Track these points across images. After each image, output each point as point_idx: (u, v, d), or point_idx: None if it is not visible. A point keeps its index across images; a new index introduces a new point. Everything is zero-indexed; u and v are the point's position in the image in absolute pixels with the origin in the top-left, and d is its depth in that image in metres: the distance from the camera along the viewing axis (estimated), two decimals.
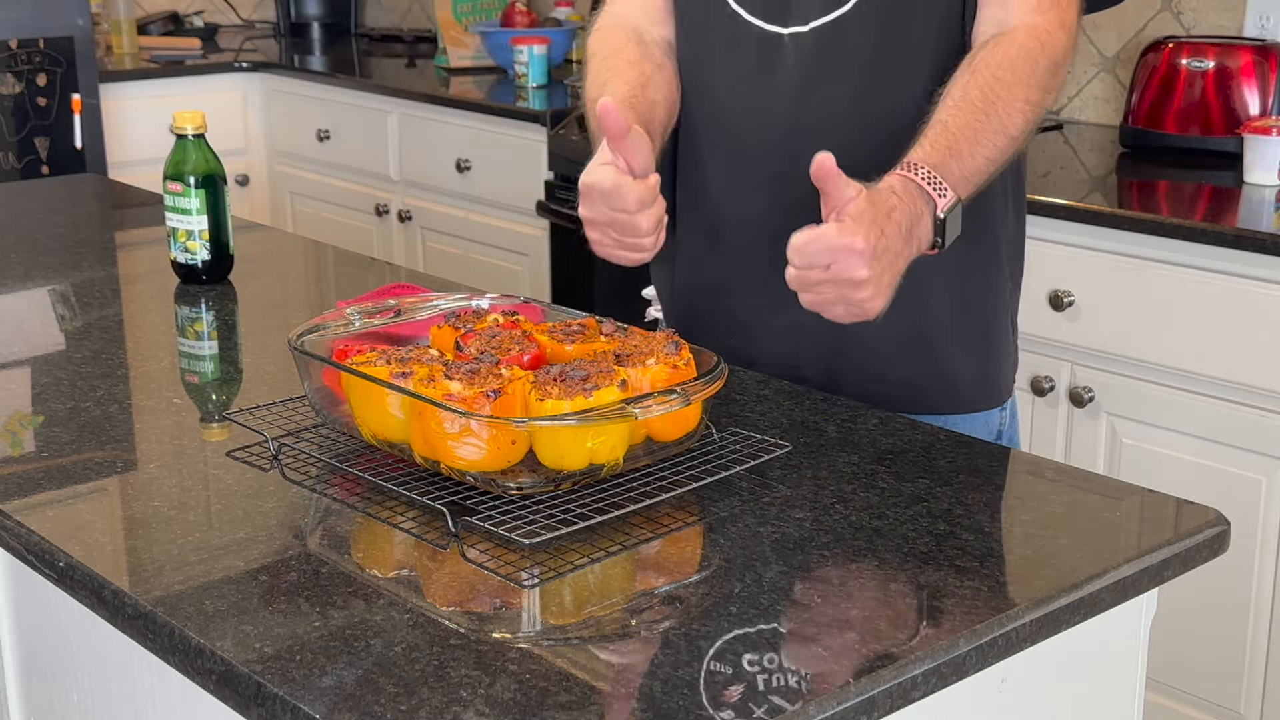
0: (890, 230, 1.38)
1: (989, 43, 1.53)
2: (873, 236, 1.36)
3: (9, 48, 3.87)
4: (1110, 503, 1.36)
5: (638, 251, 1.49)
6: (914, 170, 1.44)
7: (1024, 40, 1.51)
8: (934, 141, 1.47)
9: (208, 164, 2.00)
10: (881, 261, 1.37)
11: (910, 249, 1.42)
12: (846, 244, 1.34)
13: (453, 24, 4.22)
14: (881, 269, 1.37)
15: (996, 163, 1.50)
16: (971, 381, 1.67)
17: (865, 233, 1.35)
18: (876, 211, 1.37)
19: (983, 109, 1.48)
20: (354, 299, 1.72)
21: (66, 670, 1.35)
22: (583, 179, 1.47)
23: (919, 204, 1.43)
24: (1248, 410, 2.34)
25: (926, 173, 1.44)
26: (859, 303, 1.38)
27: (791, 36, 1.60)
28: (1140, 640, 1.30)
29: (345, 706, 0.99)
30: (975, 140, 1.47)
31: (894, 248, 1.39)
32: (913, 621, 1.11)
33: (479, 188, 3.73)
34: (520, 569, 1.18)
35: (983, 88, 1.49)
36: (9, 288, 2.06)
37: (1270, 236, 2.27)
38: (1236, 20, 2.94)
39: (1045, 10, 1.53)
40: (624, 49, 1.67)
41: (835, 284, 1.37)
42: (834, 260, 1.35)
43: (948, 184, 1.45)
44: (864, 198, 1.37)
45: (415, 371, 1.32)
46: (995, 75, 1.49)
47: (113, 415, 1.55)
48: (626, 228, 1.46)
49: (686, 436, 1.36)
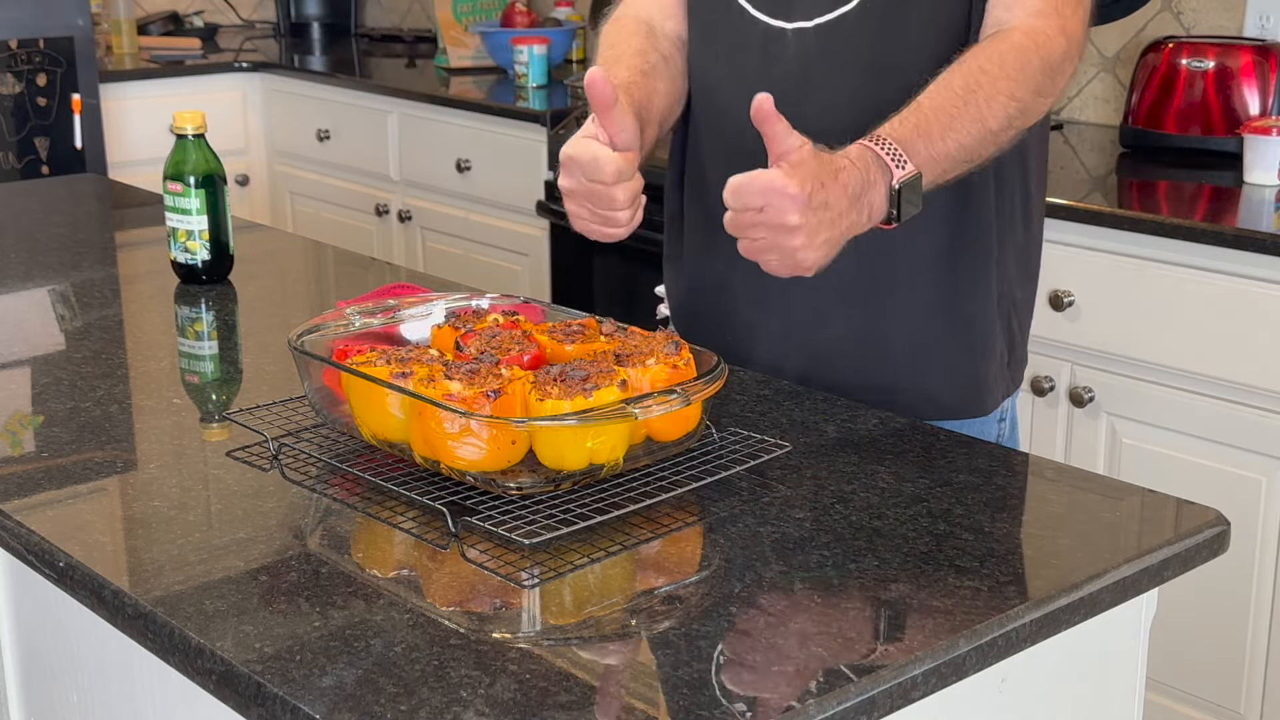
0: (833, 188, 1.38)
1: (984, 40, 1.54)
2: (809, 186, 1.35)
3: (9, 48, 3.87)
4: (1110, 503, 1.36)
5: (614, 226, 1.50)
6: (876, 141, 1.44)
7: (1018, 39, 1.52)
8: (904, 119, 1.47)
9: (208, 164, 2.00)
10: (818, 215, 1.37)
11: (859, 216, 1.41)
12: (780, 186, 1.35)
13: (453, 24, 4.22)
14: (818, 222, 1.37)
15: (972, 152, 1.50)
16: (954, 390, 1.67)
17: (802, 181, 1.35)
18: (820, 165, 1.38)
19: (962, 96, 1.48)
20: (354, 299, 1.72)
21: (66, 670, 1.35)
22: (563, 149, 1.49)
23: (873, 171, 1.42)
24: (1248, 410, 2.34)
25: (888, 145, 1.44)
26: (791, 251, 1.38)
27: (795, 32, 1.61)
28: (1140, 640, 1.30)
29: (345, 706, 0.99)
30: (948, 125, 1.47)
31: (836, 205, 1.38)
32: (913, 621, 1.11)
33: (479, 188, 3.73)
34: (520, 569, 1.18)
35: (965, 77, 1.49)
36: (9, 288, 2.06)
37: (1270, 236, 2.27)
38: (1236, 20, 2.94)
39: (1046, 15, 1.53)
40: (632, 38, 1.70)
41: (768, 228, 1.37)
42: (766, 203, 1.36)
43: (910, 160, 1.44)
44: (808, 149, 1.37)
45: (415, 371, 1.32)
46: (981, 67, 1.49)
47: (113, 415, 1.55)
48: (603, 200, 1.47)
49: (686, 436, 1.36)
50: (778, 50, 1.62)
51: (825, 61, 1.60)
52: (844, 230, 1.41)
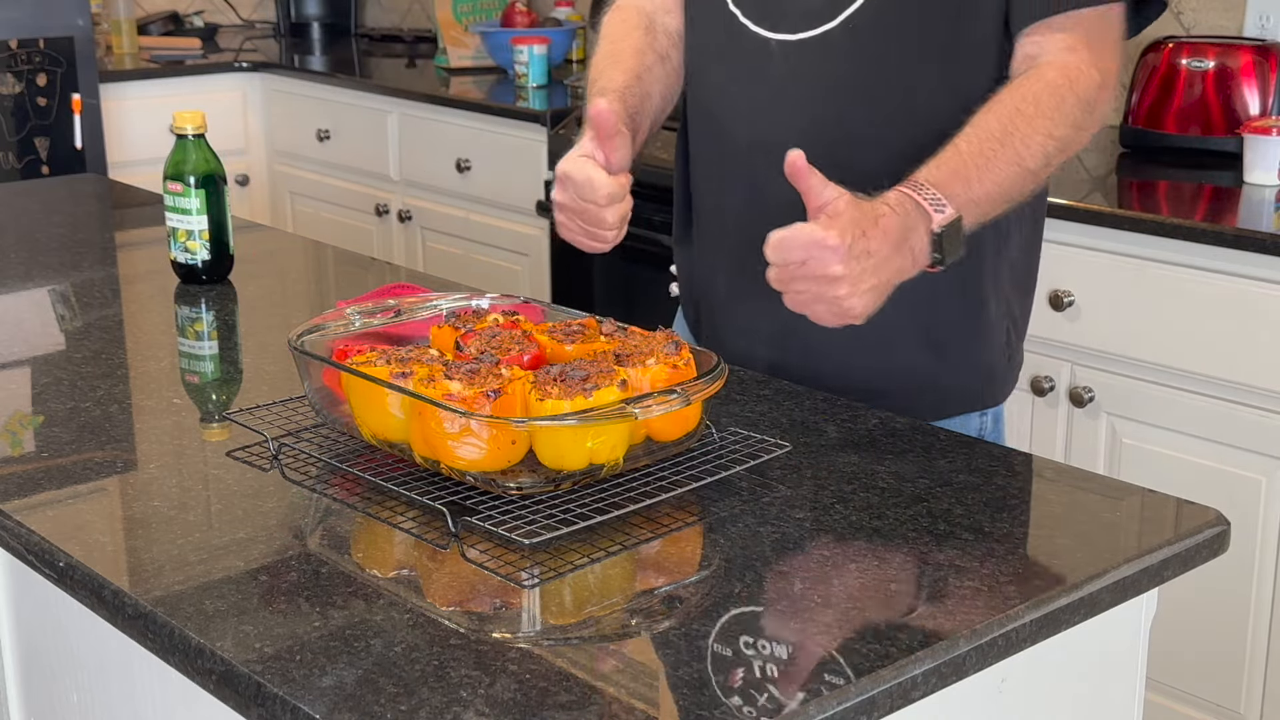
0: (874, 235, 1.38)
1: (1018, 77, 1.55)
2: (849, 235, 1.36)
3: (9, 48, 3.87)
4: (1110, 503, 1.36)
5: (599, 241, 1.56)
6: (914, 186, 1.45)
7: (1052, 76, 1.52)
8: (940, 163, 1.47)
9: (208, 164, 2.00)
10: (861, 263, 1.37)
11: (903, 261, 1.42)
12: (820, 239, 1.35)
13: (453, 24, 4.22)
14: (861, 270, 1.37)
15: (1011, 191, 1.51)
16: (926, 389, 1.67)
17: (842, 231, 1.35)
18: (860, 214, 1.38)
19: (999, 139, 1.48)
20: (354, 299, 1.72)
21: (66, 670, 1.35)
22: (560, 165, 1.55)
23: (913, 217, 1.42)
24: (1248, 410, 2.34)
25: (926, 190, 1.45)
26: (836, 301, 1.38)
27: (779, 44, 1.62)
28: (1140, 640, 1.30)
29: (345, 706, 0.99)
30: (986, 167, 1.48)
31: (878, 252, 1.38)
32: (913, 621, 1.11)
33: (479, 188, 3.73)
34: (520, 569, 1.18)
35: (1001, 118, 1.49)
36: (9, 288, 2.06)
37: (1270, 236, 2.27)
38: (1236, 20, 2.94)
39: (1078, 49, 1.53)
40: (630, 35, 1.73)
41: (811, 280, 1.37)
42: (808, 256, 1.36)
43: (949, 203, 1.45)
44: (846, 200, 1.38)
45: (415, 371, 1.32)
46: (1017, 108, 1.50)
47: (113, 415, 1.55)
48: (593, 219, 1.54)
49: (686, 436, 1.36)
50: (763, 61, 1.63)
51: (804, 78, 1.61)
52: (890, 276, 1.41)
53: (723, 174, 1.70)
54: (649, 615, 1.14)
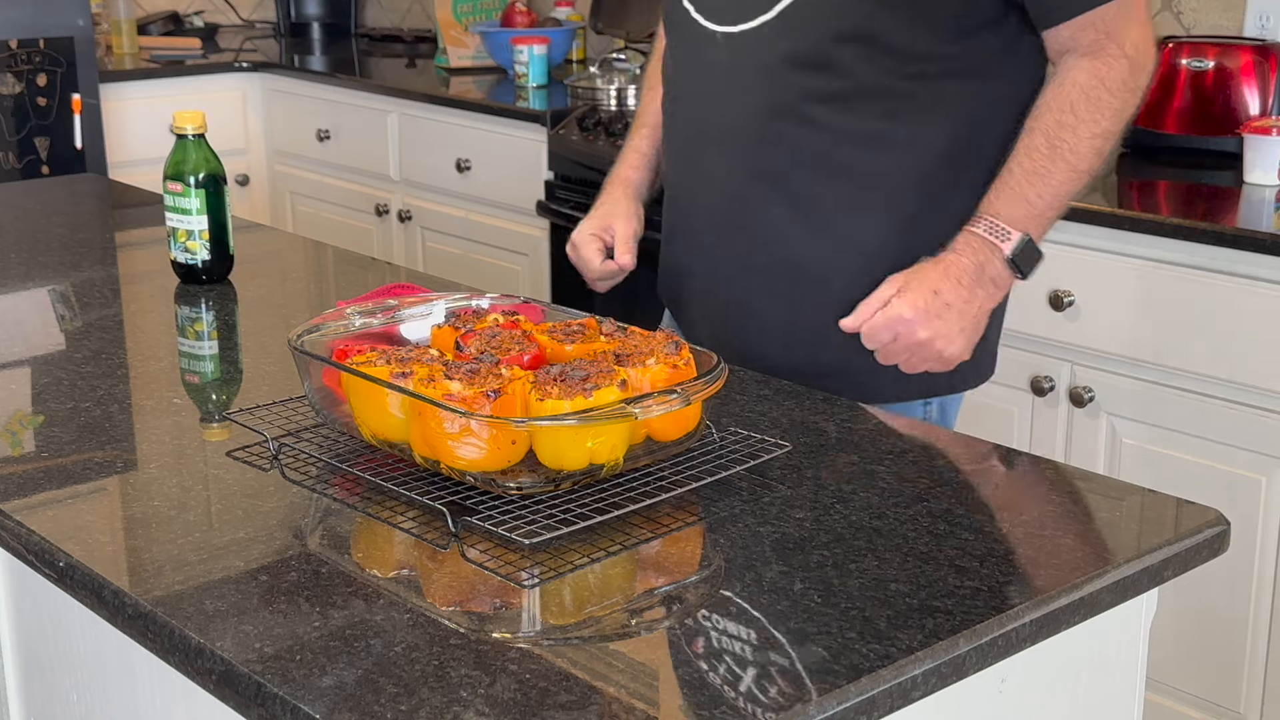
0: (947, 287, 1.58)
1: (1049, 87, 1.64)
2: (922, 300, 1.57)
3: (9, 48, 3.87)
4: (1110, 503, 1.36)
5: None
6: (976, 224, 1.61)
7: (1084, 80, 1.61)
8: (999, 189, 1.62)
9: (208, 164, 2.00)
10: (944, 317, 1.58)
11: (985, 292, 1.61)
12: (896, 316, 1.58)
13: (453, 24, 4.22)
14: (944, 324, 1.58)
15: (1073, 194, 1.64)
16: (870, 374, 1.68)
17: (913, 301, 1.57)
18: (928, 275, 1.59)
19: (1048, 154, 1.60)
20: (354, 299, 1.72)
21: (66, 670, 1.35)
22: (574, 235, 1.86)
23: (982, 253, 1.60)
24: (1248, 410, 2.34)
25: (987, 222, 1.61)
26: (935, 355, 1.60)
27: (724, 36, 1.70)
28: (1140, 640, 1.30)
29: (345, 706, 0.99)
30: (1042, 181, 1.61)
31: (956, 300, 1.59)
32: (913, 621, 1.11)
33: (479, 188, 3.73)
34: (520, 569, 1.18)
35: (1046, 134, 1.61)
36: (9, 288, 2.06)
37: (1270, 236, 2.27)
38: (1236, 20, 2.94)
39: (1103, 45, 1.61)
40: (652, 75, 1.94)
41: (907, 349, 1.60)
42: (895, 333, 1.59)
43: (1011, 227, 1.60)
44: (903, 277, 1.60)
45: (415, 371, 1.32)
46: (1058, 120, 1.61)
47: (113, 415, 1.55)
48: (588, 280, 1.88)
49: (686, 436, 1.36)
50: (712, 52, 1.72)
51: (742, 68, 1.69)
52: (975, 313, 1.61)
53: (684, 161, 1.79)
54: (649, 615, 1.14)
